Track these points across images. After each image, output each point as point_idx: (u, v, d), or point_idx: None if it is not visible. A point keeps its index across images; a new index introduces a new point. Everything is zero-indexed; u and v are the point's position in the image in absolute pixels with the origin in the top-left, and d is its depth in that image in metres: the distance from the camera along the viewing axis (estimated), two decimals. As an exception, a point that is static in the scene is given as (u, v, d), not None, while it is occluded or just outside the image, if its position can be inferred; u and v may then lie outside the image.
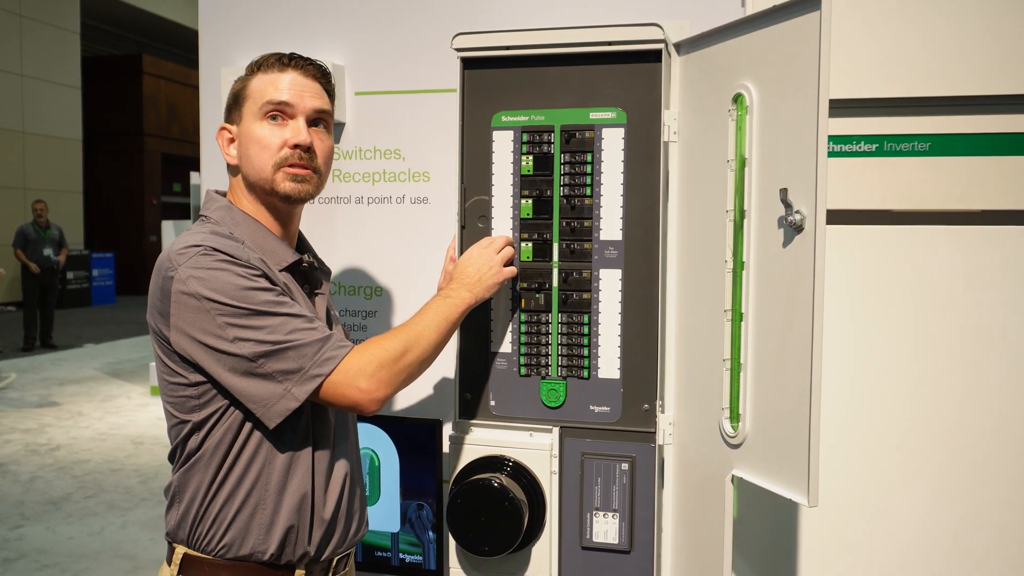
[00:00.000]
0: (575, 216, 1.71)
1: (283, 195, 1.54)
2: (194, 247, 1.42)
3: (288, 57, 1.57)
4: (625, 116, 1.68)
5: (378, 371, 1.44)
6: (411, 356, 1.49)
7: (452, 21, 2.08)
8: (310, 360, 1.41)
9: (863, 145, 1.89)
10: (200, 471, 1.48)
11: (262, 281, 1.43)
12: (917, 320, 1.91)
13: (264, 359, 1.40)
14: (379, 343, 1.48)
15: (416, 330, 1.52)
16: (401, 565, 2.06)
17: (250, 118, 1.55)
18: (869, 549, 1.99)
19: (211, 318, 1.39)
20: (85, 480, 5.83)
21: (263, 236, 1.55)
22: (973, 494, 1.93)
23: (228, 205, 1.57)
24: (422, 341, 1.51)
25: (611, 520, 1.71)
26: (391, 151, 2.16)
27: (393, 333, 1.51)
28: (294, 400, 1.42)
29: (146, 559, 4.45)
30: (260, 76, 1.56)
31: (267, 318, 1.40)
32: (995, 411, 1.91)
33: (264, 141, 1.53)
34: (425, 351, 1.52)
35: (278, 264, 1.54)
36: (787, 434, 1.37)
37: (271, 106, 1.53)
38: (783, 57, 1.36)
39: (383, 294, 2.19)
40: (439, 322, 1.56)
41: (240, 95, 1.57)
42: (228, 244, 1.45)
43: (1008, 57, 1.82)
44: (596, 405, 1.72)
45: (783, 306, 1.38)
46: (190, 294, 1.39)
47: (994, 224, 1.85)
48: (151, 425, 7.36)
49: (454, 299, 1.60)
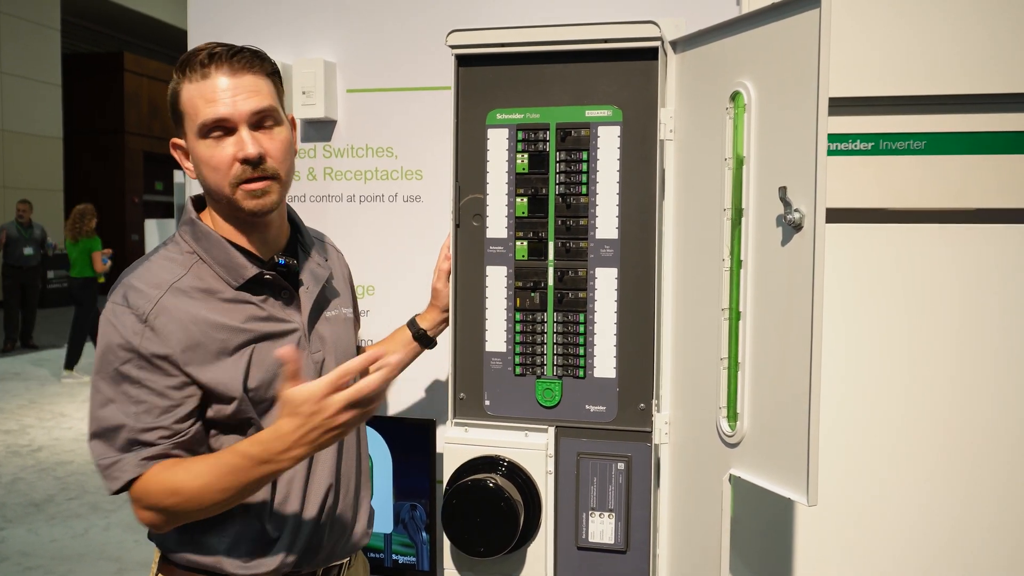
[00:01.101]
0: (571, 214, 1.70)
1: (248, 212, 1.47)
2: (120, 288, 1.43)
3: (209, 56, 1.44)
4: (621, 114, 1.67)
5: (143, 510, 1.39)
6: (180, 507, 1.38)
7: (445, 18, 2.07)
8: (103, 469, 1.40)
9: (859, 143, 1.89)
10: None
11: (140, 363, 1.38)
12: (912, 318, 1.92)
13: (91, 433, 1.41)
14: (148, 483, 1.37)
15: (199, 484, 1.36)
16: (394, 566, 2.05)
17: (192, 136, 1.46)
18: (864, 548, 1.99)
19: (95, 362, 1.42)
20: (68, 481, 5.78)
21: (222, 252, 1.48)
22: (968, 493, 1.94)
23: (192, 220, 1.51)
24: (203, 498, 1.36)
25: (607, 520, 1.70)
26: (383, 149, 2.14)
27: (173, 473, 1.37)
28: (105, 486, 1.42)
29: (131, 561, 4.41)
30: (187, 85, 1.44)
31: (101, 403, 1.39)
32: (990, 410, 1.91)
33: (212, 162, 1.44)
34: (203, 508, 1.38)
35: (237, 279, 1.47)
36: (786, 433, 1.37)
37: (207, 125, 1.43)
38: (782, 55, 1.36)
39: (375, 293, 2.18)
40: (235, 485, 1.36)
41: (176, 109, 1.48)
42: (149, 290, 1.41)
43: (1004, 56, 1.82)
44: (592, 404, 1.71)
45: (782, 304, 1.37)
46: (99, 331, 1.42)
47: (989, 222, 1.85)
48: (134, 425, 7.29)
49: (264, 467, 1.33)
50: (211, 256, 1.47)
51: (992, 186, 1.84)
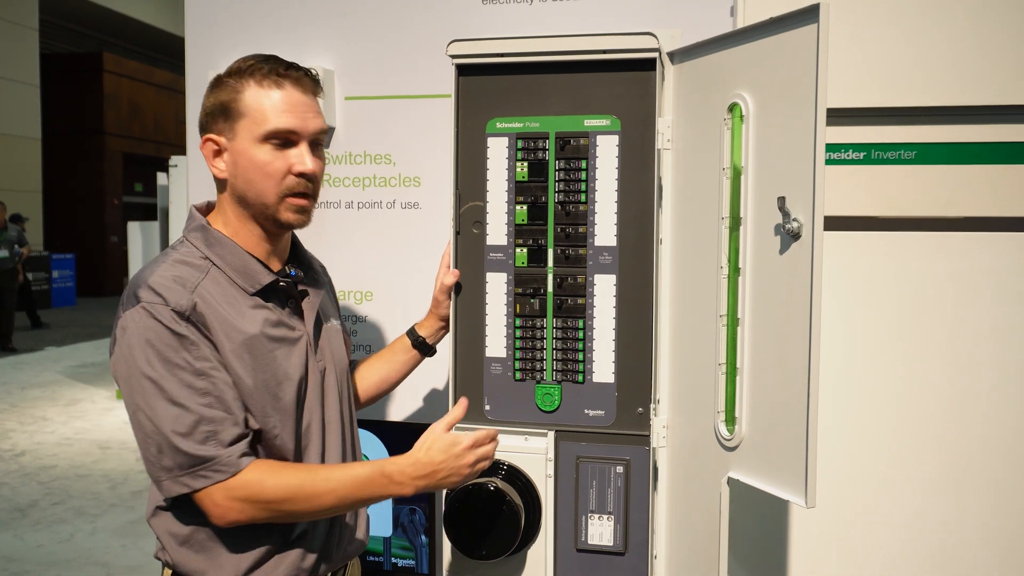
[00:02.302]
0: (570, 222, 1.73)
1: (284, 224, 1.50)
2: (144, 290, 1.38)
3: (285, 68, 1.48)
4: (619, 123, 1.70)
5: (241, 503, 1.38)
6: (288, 507, 1.41)
7: (443, 27, 2.09)
8: (184, 470, 1.37)
9: (851, 153, 1.93)
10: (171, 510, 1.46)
11: (193, 353, 1.38)
12: (903, 324, 1.96)
13: (150, 440, 1.37)
14: (265, 479, 1.39)
15: (320, 488, 1.41)
16: (394, 569, 2.07)
17: (247, 138, 1.46)
18: (859, 550, 2.03)
19: (129, 374, 1.38)
20: (52, 486, 5.74)
21: (238, 258, 1.49)
22: (961, 495, 1.98)
23: (203, 226, 1.50)
24: (315, 502, 1.41)
25: (606, 523, 1.73)
26: (381, 156, 2.16)
27: (295, 476, 1.42)
28: (167, 492, 1.39)
29: (119, 566, 4.39)
30: (254, 89, 1.46)
31: (170, 405, 1.36)
32: (981, 413, 1.95)
33: (267, 168, 1.46)
34: (312, 512, 1.44)
35: (252, 286, 1.48)
36: (784, 436, 1.40)
37: (276, 133, 1.45)
38: (780, 68, 1.39)
39: (373, 299, 2.19)
40: (351, 497, 1.44)
41: (231, 108, 1.47)
42: (180, 287, 1.40)
43: (992, 68, 1.87)
44: (591, 409, 1.74)
45: (780, 311, 1.41)
46: (122, 343, 1.38)
47: (977, 231, 1.90)
48: (118, 429, 7.25)
49: (395, 487, 1.45)
50: (226, 262, 1.47)
51: (980, 195, 1.88)
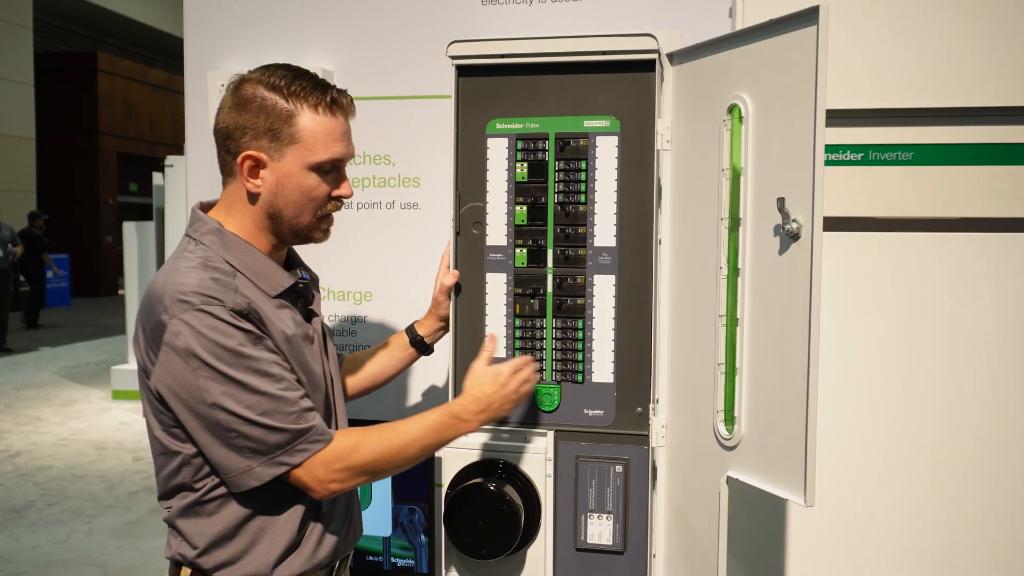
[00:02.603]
0: (569, 223, 1.73)
1: (314, 241, 1.54)
2: (193, 295, 1.37)
3: (338, 95, 1.50)
4: (619, 124, 1.70)
5: (342, 471, 1.43)
6: (382, 466, 1.48)
7: (442, 28, 2.09)
8: (282, 448, 1.39)
9: (849, 154, 1.95)
10: (200, 507, 1.46)
11: (258, 348, 1.40)
12: (900, 324, 1.97)
13: (236, 432, 1.37)
14: (359, 443, 1.45)
15: (404, 440, 1.49)
16: (393, 569, 2.07)
17: (298, 163, 1.46)
18: (857, 548, 2.04)
19: (195, 378, 1.36)
20: (48, 487, 5.73)
21: (258, 261, 1.50)
22: (958, 495, 1.99)
23: (218, 229, 1.49)
24: (402, 455, 1.49)
25: (605, 522, 1.74)
26: (381, 156, 2.17)
27: (380, 436, 1.48)
28: (255, 480, 1.40)
29: (115, 567, 4.39)
30: (310, 115, 1.46)
31: (251, 393, 1.37)
32: (979, 412, 1.97)
33: (313, 193, 1.49)
34: (400, 465, 1.50)
35: (273, 289, 1.50)
36: (783, 436, 1.41)
37: (328, 164, 1.48)
38: (780, 69, 1.40)
39: (372, 299, 2.20)
40: (433, 444, 1.53)
41: (284, 132, 1.45)
42: (225, 289, 1.40)
43: (988, 70, 1.88)
44: (590, 409, 1.75)
45: (779, 311, 1.42)
46: (178, 348, 1.36)
47: (974, 231, 1.91)
48: (114, 430, 7.25)
49: (464, 426, 1.55)
50: (246, 266, 1.48)
51: (977, 196, 1.89)
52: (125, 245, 8.46)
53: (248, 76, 1.50)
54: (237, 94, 1.48)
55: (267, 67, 1.51)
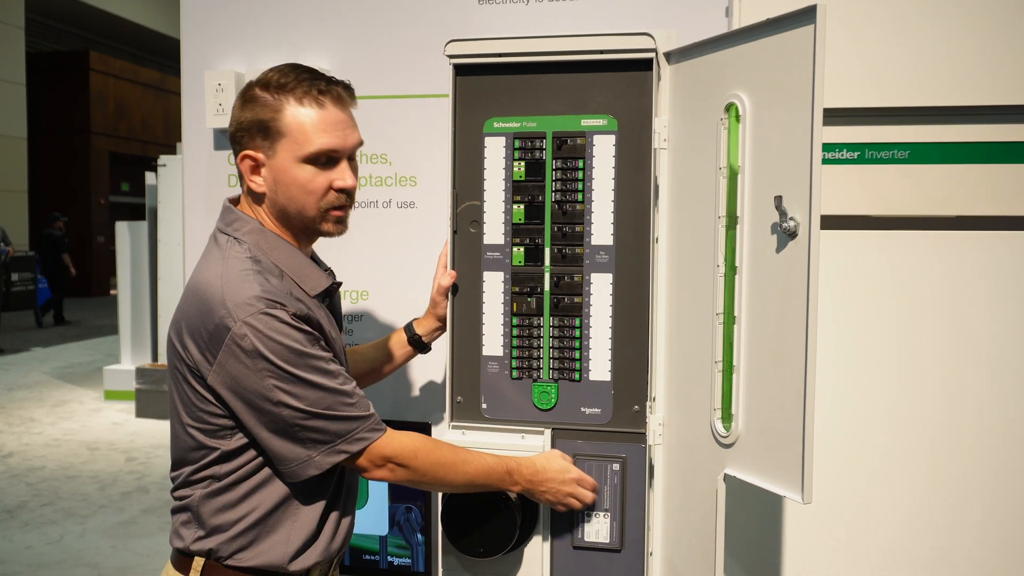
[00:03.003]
0: (567, 221, 1.74)
1: (325, 234, 1.55)
2: (257, 300, 1.40)
3: (326, 84, 1.49)
4: (616, 123, 1.71)
5: (396, 468, 1.51)
6: (429, 479, 1.56)
7: (438, 27, 2.10)
8: (341, 436, 1.46)
9: (845, 153, 1.95)
10: (227, 495, 1.50)
11: (317, 347, 1.45)
12: (898, 322, 1.98)
13: (300, 426, 1.43)
14: (419, 450, 1.53)
15: (457, 468, 1.57)
16: (390, 568, 2.07)
17: (289, 157, 1.48)
18: (854, 546, 2.04)
19: (260, 378, 1.40)
20: (40, 487, 5.71)
21: (300, 262, 1.54)
22: (956, 491, 2.00)
23: (260, 228, 1.52)
24: (448, 478, 1.57)
25: (602, 520, 1.74)
26: (377, 156, 2.17)
27: (440, 453, 1.56)
28: (316, 468, 1.46)
29: (109, 567, 4.37)
30: (295, 108, 1.47)
31: (314, 389, 1.43)
32: (976, 409, 1.97)
33: (309, 187, 1.50)
34: (442, 485, 1.60)
35: (313, 289, 1.54)
36: (781, 433, 1.41)
37: (320, 154, 1.49)
38: (777, 68, 1.41)
39: (369, 298, 2.20)
40: (476, 484, 1.60)
41: (271, 127, 1.48)
42: (284, 294, 1.44)
43: (984, 69, 1.89)
44: (587, 407, 1.75)
45: (776, 309, 1.42)
46: (245, 350, 1.39)
47: (970, 229, 1.92)
48: (106, 430, 7.22)
49: (509, 479, 1.63)
50: (288, 266, 1.52)
51: (973, 194, 1.90)
52: (118, 245, 8.43)
53: (254, 79, 1.54)
54: (241, 97, 1.52)
55: (272, 67, 1.53)
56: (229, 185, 2.27)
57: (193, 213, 2.29)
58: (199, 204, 2.29)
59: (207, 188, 2.27)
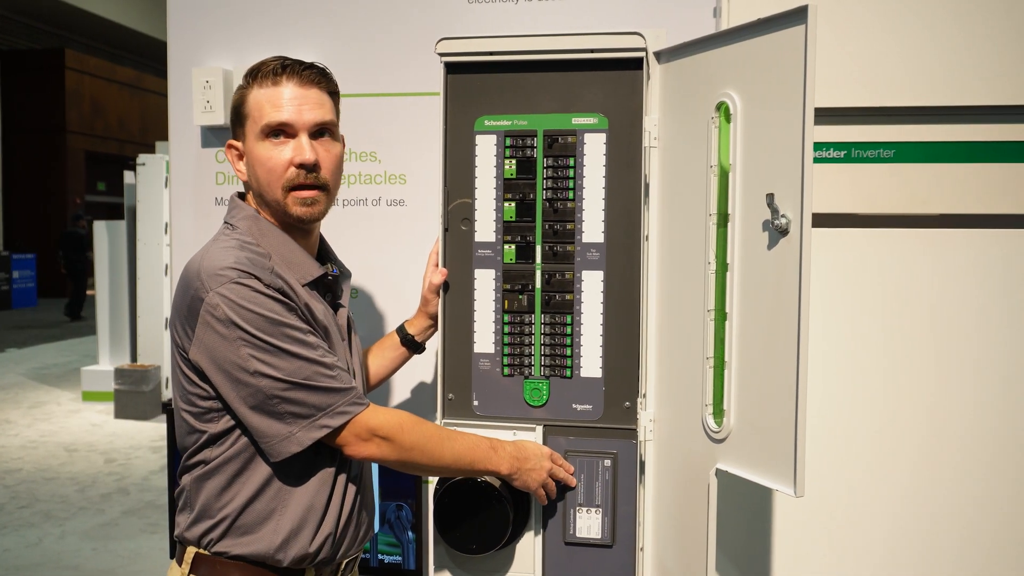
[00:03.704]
0: (558, 219, 1.75)
1: (295, 217, 1.54)
2: (229, 270, 1.41)
3: (282, 66, 1.53)
4: (607, 122, 1.72)
5: (381, 442, 1.48)
6: (416, 455, 1.53)
7: (427, 26, 2.10)
8: (322, 410, 1.44)
9: (832, 152, 1.98)
10: (215, 479, 1.49)
11: (293, 316, 1.44)
12: (885, 317, 2.00)
13: (279, 398, 1.41)
14: (405, 425, 1.51)
15: (443, 442, 1.56)
16: (380, 566, 2.07)
17: (252, 138, 1.53)
18: (845, 541, 2.06)
19: (235, 347, 1.40)
20: (17, 490, 5.65)
21: (290, 249, 1.54)
22: (946, 488, 2.02)
23: (255, 215, 1.55)
24: (436, 453, 1.54)
25: (594, 515, 1.75)
26: (367, 154, 2.17)
27: (425, 428, 1.54)
28: (297, 445, 1.43)
29: (90, 569, 4.33)
30: (256, 90, 1.53)
31: (291, 359, 1.41)
32: (964, 405, 2.00)
33: (268, 164, 1.51)
34: (430, 463, 1.55)
35: (303, 278, 1.54)
36: (773, 427, 1.43)
37: (270, 127, 1.51)
38: (768, 68, 1.42)
39: (359, 296, 2.19)
40: (464, 459, 1.59)
41: (240, 111, 1.55)
42: (260, 267, 1.44)
43: (967, 70, 1.92)
44: (579, 403, 1.76)
45: (768, 305, 1.44)
46: (219, 319, 1.39)
47: (953, 227, 1.95)
48: (84, 432, 7.15)
49: (496, 458, 1.62)
50: (278, 252, 1.52)
51: (957, 193, 1.93)
52: (96, 244, 8.35)
53: None
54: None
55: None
56: (217, 183, 2.26)
57: (180, 211, 2.28)
58: (186, 202, 2.28)
59: (194, 186, 2.26)
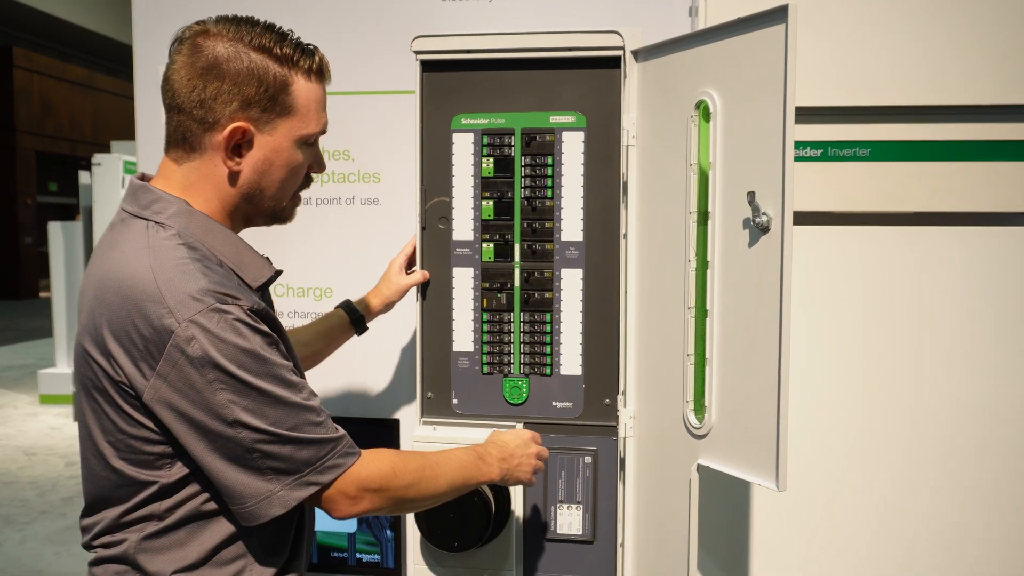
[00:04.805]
0: (536, 217, 1.75)
1: (285, 221, 1.39)
2: (206, 294, 1.16)
3: (323, 59, 1.33)
4: (585, 120, 1.73)
5: (375, 494, 1.27)
6: (413, 494, 1.33)
7: (401, 23, 2.08)
8: (311, 465, 1.21)
9: (809, 150, 2.00)
10: (172, 535, 1.24)
11: (276, 353, 1.21)
12: (864, 314, 2.03)
13: (260, 453, 1.18)
14: (396, 467, 1.30)
15: (435, 473, 1.37)
16: (358, 564, 2.06)
17: (289, 137, 1.29)
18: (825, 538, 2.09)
19: (212, 391, 1.15)
20: (-25, 496, 5.53)
21: (238, 247, 1.30)
22: (927, 485, 2.05)
23: (188, 210, 1.25)
24: (432, 487, 1.36)
25: (575, 512, 1.76)
26: (340, 152, 2.15)
27: (415, 463, 1.34)
28: (280, 506, 1.20)
29: (52, 573, 4.25)
30: (304, 82, 1.29)
31: (278, 406, 1.18)
32: (946, 402, 2.03)
33: (300, 170, 1.34)
34: (427, 499, 1.37)
35: (255, 280, 1.31)
36: (755, 423, 1.45)
37: (315, 136, 1.34)
38: (748, 66, 1.43)
39: (333, 295, 2.18)
40: (458, 482, 1.41)
41: (284, 100, 1.27)
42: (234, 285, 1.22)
43: (942, 70, 1.96)
44: (558, 401, 1.76)
45: (749, 302, 1.45)
46: (192, 357, 1.14)
47: (929, 224, 1.99)
48: (43, 435, 7.01)
49: (486, 468, 1.46)
50: (226, 254, 1.28)
51: (933, 191, 1.97)
52: (51, 246, 8.18)
53: (213, 30, 1.26)
54: (202, 53, 1.24)
55: (234, 20, 1.28)
56: (186, 182, 2.22)
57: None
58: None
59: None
